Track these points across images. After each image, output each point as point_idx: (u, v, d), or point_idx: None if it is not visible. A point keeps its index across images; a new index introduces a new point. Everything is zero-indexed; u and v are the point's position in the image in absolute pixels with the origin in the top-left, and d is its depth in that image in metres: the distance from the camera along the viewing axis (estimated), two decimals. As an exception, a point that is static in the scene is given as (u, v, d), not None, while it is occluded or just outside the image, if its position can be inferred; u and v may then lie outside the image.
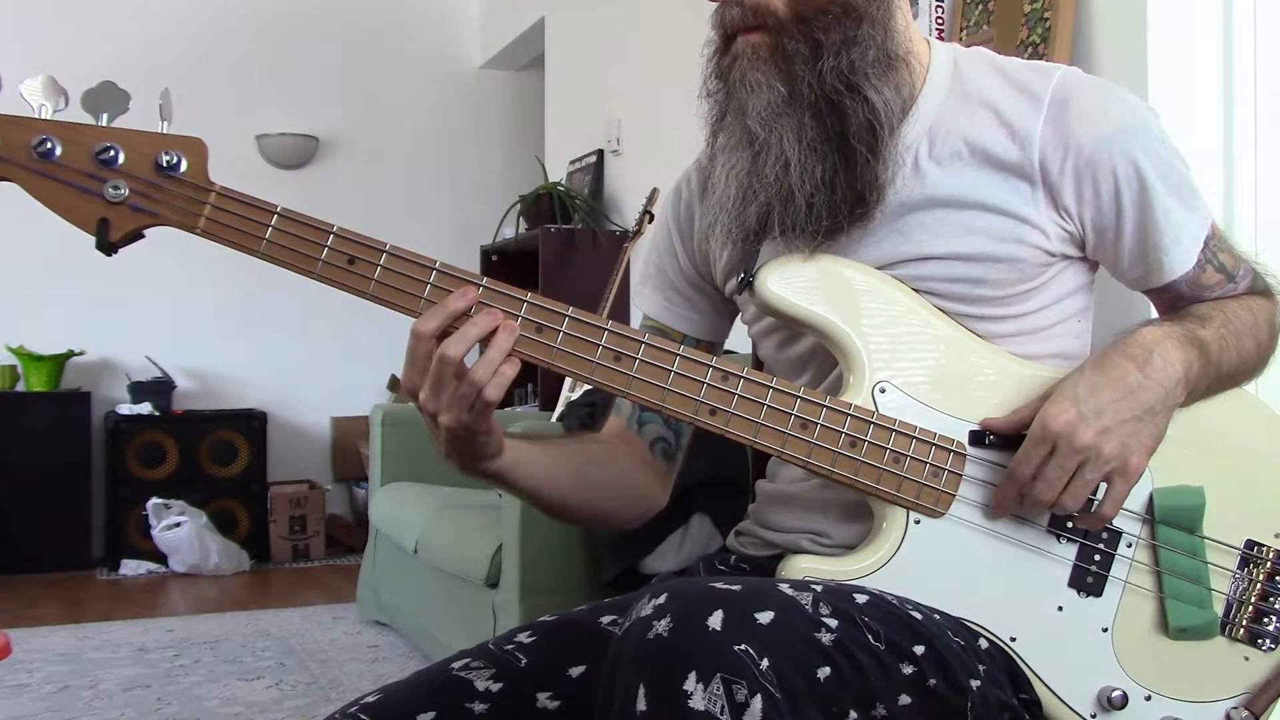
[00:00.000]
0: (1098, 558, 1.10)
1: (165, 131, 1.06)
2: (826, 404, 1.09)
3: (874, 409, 1.09)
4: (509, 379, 1.04)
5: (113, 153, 1.04)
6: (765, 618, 0.92)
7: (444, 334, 1.03)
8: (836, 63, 1.09)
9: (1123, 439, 1.05)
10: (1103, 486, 1.07)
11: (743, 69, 1.12)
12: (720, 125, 1.16)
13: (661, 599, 0.91)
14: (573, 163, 4.60)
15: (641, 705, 0.87)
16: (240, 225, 1.06)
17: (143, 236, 1.07)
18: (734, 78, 1.13)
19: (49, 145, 1.03)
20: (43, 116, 1.04)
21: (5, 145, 1.03)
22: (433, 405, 1.04)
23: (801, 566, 1.08)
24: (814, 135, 1.10)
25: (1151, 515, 1.12)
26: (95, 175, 1.04)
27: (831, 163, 1.10)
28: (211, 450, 5.00)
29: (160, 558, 4.74)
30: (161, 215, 1.06)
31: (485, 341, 1.04)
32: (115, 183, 1.04)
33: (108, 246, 1.05)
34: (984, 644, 1.08)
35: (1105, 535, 1.11)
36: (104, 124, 1.05)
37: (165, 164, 1.05)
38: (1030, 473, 1.05)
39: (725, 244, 1.20)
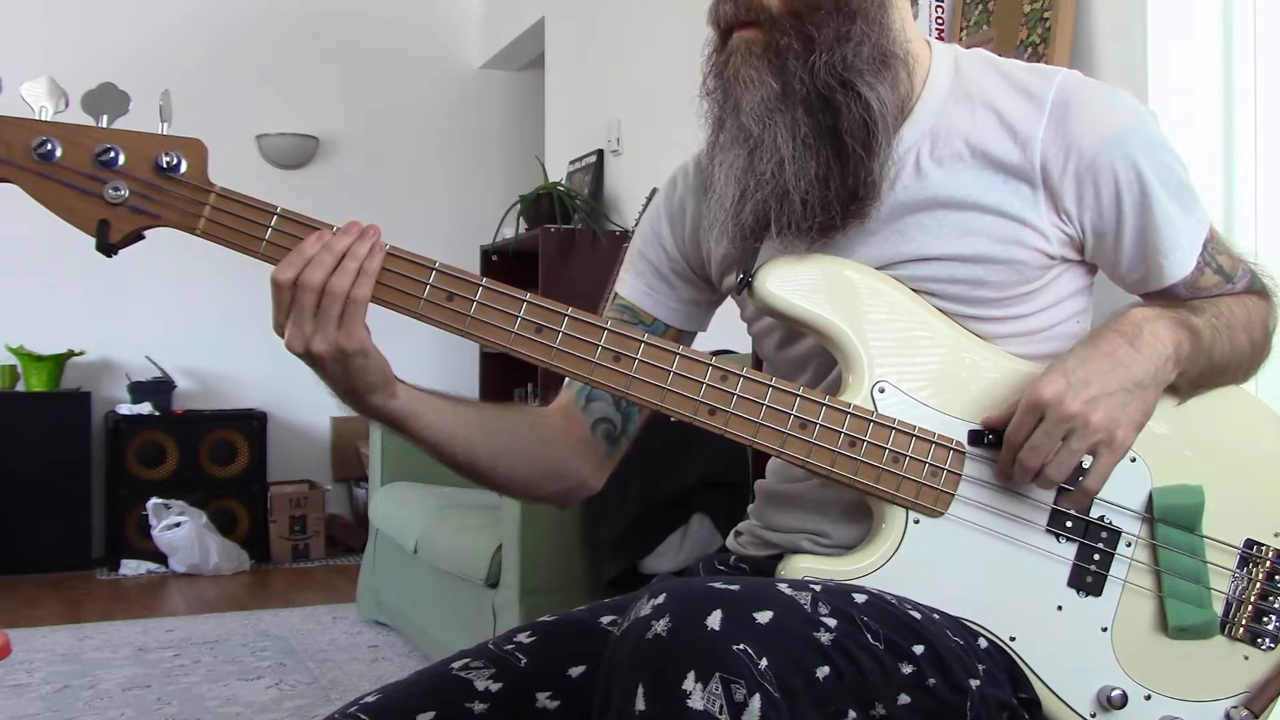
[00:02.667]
0: (1097, 557, 1.11)
1: (165, 133, 1.06)
2: (826, 403, 1.09)
3: (873, 408, 1.09)
4: (374, 272, 1.04)
5: (113, 154, 1.04)
6: (764, 617, 0.92)
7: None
8: (830, 58, 1.09)
9: (1110, 410, 1.05)
10: (1089, 460, 1.07)
11: (736, 65, 1.13)
12: (719, 124, 1.17)
13: (660, 599, 0.91)
14: (573, 163, 4.60)
15: (640, 705, 0.87)
16: (240, 226, 1.06)
17: (143, 238, 1.08)
18: (729, 74, 1.14)
19: (49, 147, 1.03)
20: (43, 118, 1.04)
21: (6, 147, 1.03)
22: (299, 339, 1.04)
23: (801, 566, 1.08)
24: (807, 131, 1.10)
25: (1151, 514, 1.12)
26: (95, 177, 1.04)
27: (825, 158, 1.10)
28: (211, 450, 5.00)
29: (160, 558, 4.74)
30: (161, 216, 1.06)
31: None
32: (115, 184, 1.04)
33: (108, 248, 1.06)
34: (983, 643, 1.08)
35: (1104, 535, 1.11)
36: (104, 125, 1.05)
37: (165, 165, 1.05)
38: (1021, 440, 1.06)
39: (721, 241, 1.20)
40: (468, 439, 1.18)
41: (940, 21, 2.34)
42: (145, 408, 4.94)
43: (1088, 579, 1.10)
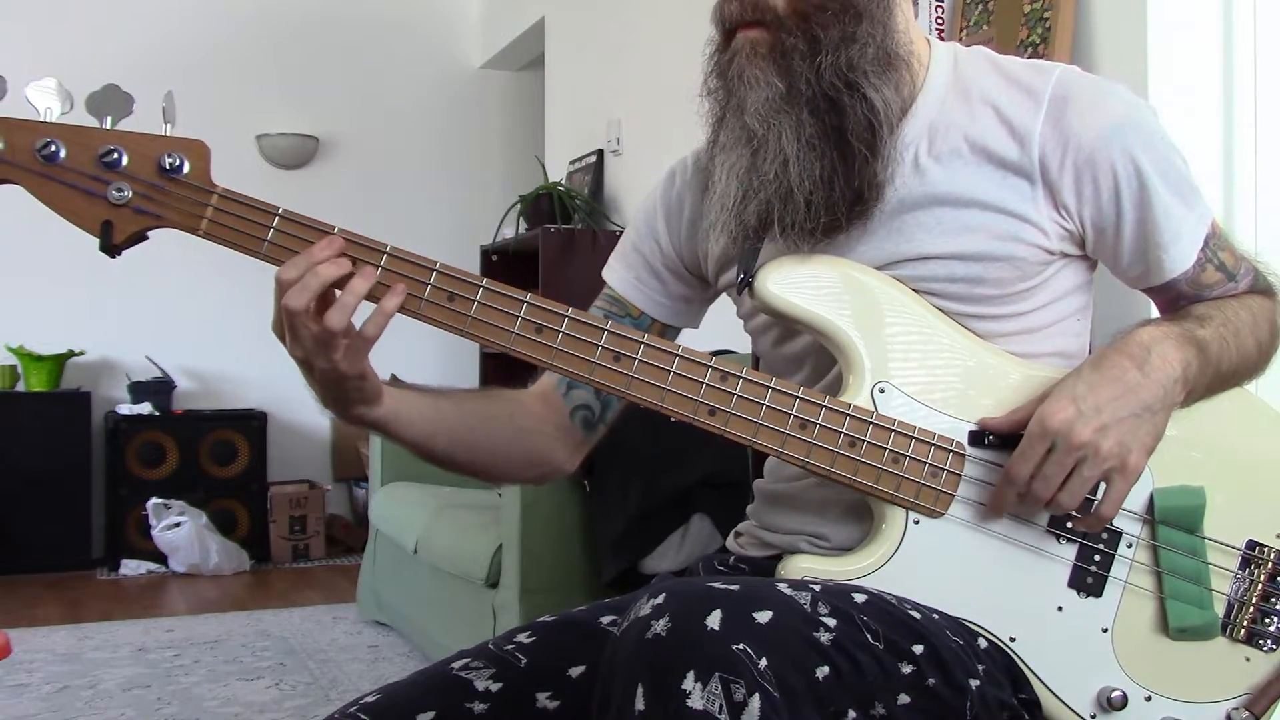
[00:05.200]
0: (1097, 558, 1.11)
1: (168, 134, 1.07)
2: (825, 404, 1.09)
3: (873, 409, 1.10)
4: (390, 312, 1.05)
5: (116, 155, 1.04)
6: (764, 617, 0.92)
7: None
8: (835, 60, 1.09)
9: (1120, 437, 1.05)
10: (1102, 486, 1.07)
11: (741, 65, 1.12)
12: (720, 123, 1.16)
13: (660, 599, 0.92)
14: (573, 163, 4.60)
15: (640, 705, 0.87)
16: (242, 227, 1.06)
17: (146, 238, 1.08)
18: (733, 74, 1.13)
19: (53, 148, 1.03)
20: (47, 119, 1.04)
21: (10, 148, 1.03)
22: (299, 352, 1.05)
23: (800, 566, 1.09)
24: (812, 132, 1.10)
25: (1152, 515, 1.12)
26: (99, 178, 1.04)
27: (830, 160, 1.10)
28: (211, 450, 4.99)
29: (160, 558, 4.74)
30: (164, 217, 1.06)
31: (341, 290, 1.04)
32: (119, 185, 1.05)
33: (111, 249, 1.06)
34: (983, 644, 1.08)
35: (1105, 535, 1.11)
36: (108, 126, 1.05)
37: (168, 166, 1.05)
38: (1028, 471, 1.05)
39: (721, 240, 1.20)
40: (448, 436, 1.19)
41: (940, 21, 2.34)
42: (145, 408, 4.94)
43: (1088, 580, 1.10)
